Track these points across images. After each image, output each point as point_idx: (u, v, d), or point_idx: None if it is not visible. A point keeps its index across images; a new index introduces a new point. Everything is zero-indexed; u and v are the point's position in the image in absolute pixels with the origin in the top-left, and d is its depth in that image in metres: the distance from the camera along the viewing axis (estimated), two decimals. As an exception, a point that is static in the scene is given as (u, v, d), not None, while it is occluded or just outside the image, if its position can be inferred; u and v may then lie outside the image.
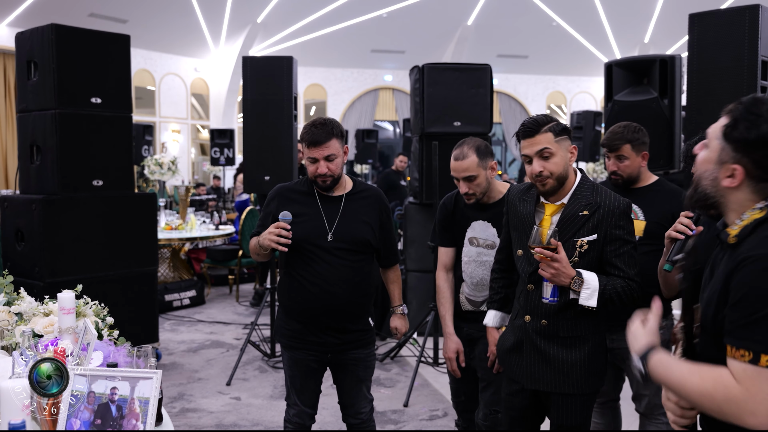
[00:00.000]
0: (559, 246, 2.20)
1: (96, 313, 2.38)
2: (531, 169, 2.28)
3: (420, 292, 5.77)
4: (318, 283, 2.66)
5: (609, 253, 2.28)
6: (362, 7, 14.84)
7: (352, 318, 2.73)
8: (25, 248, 4.04)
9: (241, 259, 7.60)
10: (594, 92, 18.90)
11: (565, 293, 2.26)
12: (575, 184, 2.32)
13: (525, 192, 2.43)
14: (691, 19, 3.95)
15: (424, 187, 5.74)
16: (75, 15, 11.19)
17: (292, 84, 5.22)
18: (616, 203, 2.29)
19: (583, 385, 2.32)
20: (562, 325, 2.31)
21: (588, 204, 2.28)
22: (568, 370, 2.31)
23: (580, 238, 2.27)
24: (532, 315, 2.35)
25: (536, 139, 2.26)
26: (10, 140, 12.19)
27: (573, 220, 2.28)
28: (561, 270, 2.20)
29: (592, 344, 2.33)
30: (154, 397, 1.65)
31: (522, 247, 2.37)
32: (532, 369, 2.36)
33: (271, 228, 2.60)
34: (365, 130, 13.49)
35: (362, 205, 2.77)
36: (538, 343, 2.33)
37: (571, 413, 2.34)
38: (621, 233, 2.28)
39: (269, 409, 4.27)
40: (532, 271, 2.32)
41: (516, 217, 2.43)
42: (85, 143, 4.14)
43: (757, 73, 3.70)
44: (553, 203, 2.33)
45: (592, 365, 2.33)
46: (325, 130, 2.62)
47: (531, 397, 2.42)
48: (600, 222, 2.27)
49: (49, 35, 3.98)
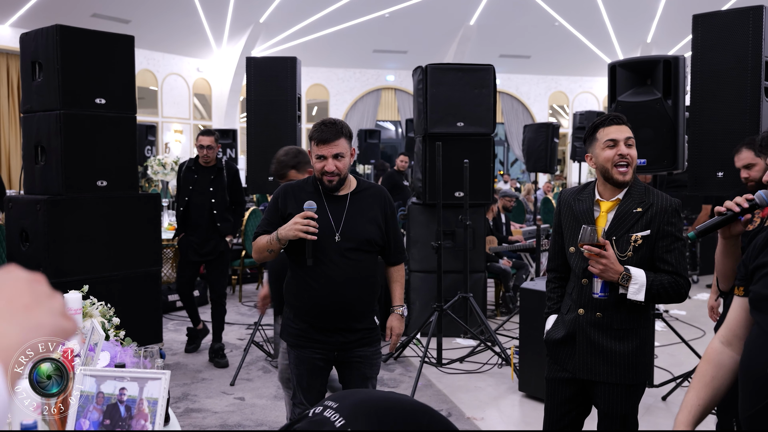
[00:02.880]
0: (607, 244, 2.33)
1: (102, 313, 2.39)
2: (618, 150, 2.42)
3: (423, 293, 5.78)
4: (325, 283, 2.67)
5: (660, 249, 2.41)
6: (364, 7, 14.85)
7: (358, 316, 2.74)
8: (30, 248, 4.05)
9: (244, 260, 7.61)
10: (596, 92, 18.89)
11: (614, 289, 2.38)
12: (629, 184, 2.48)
13: (579, 192, 2.58)
14: (695, 20, 3.95)
15: (427, 187, 5.75)
16: (78, 15, 11.21)
17: (296, 85, 5.22)
18: (668, 202, 2.43)
19: (633, 376, 2.44)
20: (615, 318, 2.43)
21: (641, 202, 2.42)
22: (620, 361, 2.43)
23: (635, 233, 2.40)
24: (586, 308, 2.47)
25: (623, 128, 2.45)
26: (14, 141, 12.21)
27: (628, 216, 2.42)
28: (609, 266, 2.32)
29: (642, 336, 2.47)
30: (162, 398, 1.66)
31: (575, 244, 2.49)
32: (585, 359, 2.47)
33: (296, 218, 2.58)
34: (367, 130, 13.50)
35: (367, 203, 2.78)
36: (592, 335, 2.45)
37: (619, 402, 2.46)
38: (672, 230, 2.41)
39: (273, 409, 4.28)
40: (585, 266, 2.43)
41: (571, 216, 2.55)
42: (89, 144, 4.15)
43: (761, 74, 3.71)
44: (609, 200, 2.47)
45: (643, 356, 2.46)
46: (334, 128, 2.65)
47: (577, 387, 2.54)
48: (653, 218, 2.40)
49: (53, 36, 3.99)
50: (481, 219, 6.03)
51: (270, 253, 2.70)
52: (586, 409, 2.62)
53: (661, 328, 5.29)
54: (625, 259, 2.37)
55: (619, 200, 2.45)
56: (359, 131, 13.49)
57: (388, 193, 2.94)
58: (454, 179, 5.50)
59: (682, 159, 4.13)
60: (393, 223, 2.86)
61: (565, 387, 2.56)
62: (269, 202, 2.85)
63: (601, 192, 2.50)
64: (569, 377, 2.53)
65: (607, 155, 2.43)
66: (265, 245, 2.68)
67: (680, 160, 4.10)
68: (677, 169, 4.12)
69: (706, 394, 1.73)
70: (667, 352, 5.30)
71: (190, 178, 5.27)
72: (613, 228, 2.41)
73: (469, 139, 5.73)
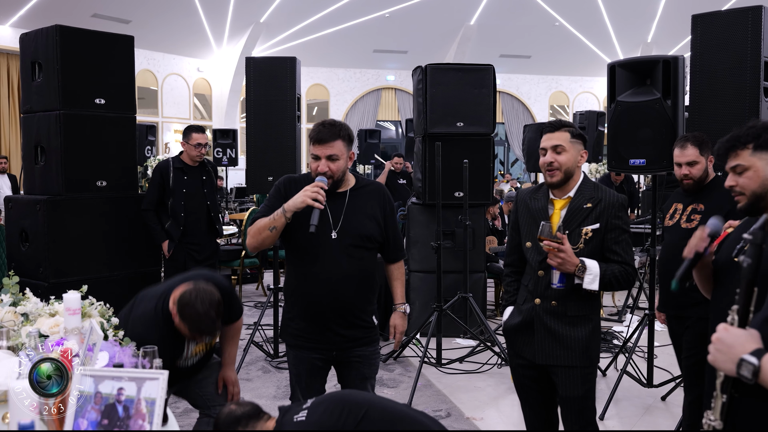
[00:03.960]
0: (564, 239, 2.49)
1: (101, 313, 2.39)
2: (545, 159, 2.63)
3: (423, 293, 5.78)
4: (323, 279, 2.66)
5: (609, 241, 2.60)
6: (365, 7, 14.85)
7: (357, 314, 2.74)
8: (30, 249, 4.05)
9: (244, 260, 7.62)
10: (597, 92, 18.89)
11: (570, 279, 2.56)
12: (579, 182, 2.67)
13: (535, 192, 2.76)
14: (694, 20, 3.95)
15: (426, 187, 5.75)
16: (78, 16, 11.21)
17: (295, 85, 5.22)
18: (615, 197, 2.63)
19: (587, 359, 2.62)
20: (570, 306, 2.61)
21: (591, 198, 2.62)
22: (574, 345, 2.61)
23: (585, 227, 2.59)
24: (542, 298, 2.63)
25: (555, 135, 2.64)
26: (14, 141, 12.22)
27: (579, 212, 2.61)
28: (566, 259, 2.49)
29: (594, 323, 2.65)
30: (160, 398, 1.66)
31: (531, 239, 2.66)
32: (542, 345, 2.64)
33: (308, 187, 2.58)
34: (368, 130, 13.49)
35: (366, 200, 2.78)
36: (548, 323, 2.62)
37: (576, 385, 2.61)
38: (619, 223, 2.61)
39: (273, 409, 4.25)
40: (541, 259, 2.61)
41: (527, 214, 2.73)
42: (89, 144, 4.15)
43: (760, 74, 3.70)
44: (561, 198, 2.65)
45: (594, 341, 2.65)
46: (332, 130, 2.65)
47: (540, 373, 2.70)
48: (602, 213, 2.60)
49: (53, 36, 4.00)
50: (481, 219, 6.03)
51: (271, 231, 2.63)
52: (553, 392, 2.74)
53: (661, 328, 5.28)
54: (577, 251, 2.54)
55: (570, 198, 2.64)
56: (359, 131, 13.49)
57: (387, 189, 2.94)
58: (454, 179, 5.50)
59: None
60: (392, 220, 2.86)
61: (528, 373, 2.73)
62: (271, 190, 2.81)
63: (554, 191, 2.67)
64: (529, 364, 2.70)
65: (540, 161, 2.67)
66: (267, 223, 2.63)
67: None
68: (676, 169, 4.12)
69: None
70: (667, 352, 5.29)
71: (181, 180, 4.97)
72: (565, 223, 2.60)
73: (469, 139, 5.73)
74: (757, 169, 1.97)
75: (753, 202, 1.99)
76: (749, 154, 1.99)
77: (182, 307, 2.57)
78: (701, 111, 3.95)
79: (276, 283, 5.41)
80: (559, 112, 19.38)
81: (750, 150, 1.99)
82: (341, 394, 2.34)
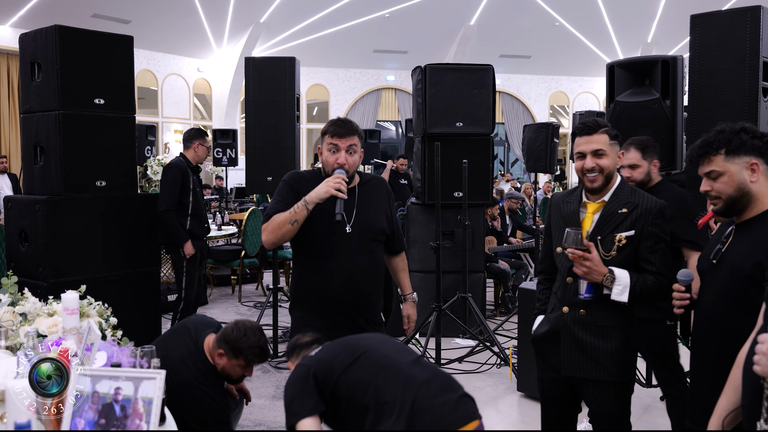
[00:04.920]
0: (591, 246, 2.38)
1: (99, 313, 2.40)
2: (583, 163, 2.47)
3: (422, 293, 5.77)
4: (340, 274, 2.68)
5: (644, 249, 2.43)
6: (365, 7, 14.85)
7: (371, 309, 2.78)
8: (29, 249, 4.05)
9: (244, 260, 7.62)
10: (597, 92, 18.88)
11: (599, 289, 2.43)
12: (615, 185, 2.50)
13: (569, 195, 2.63)
14: (693, 20, 3.95)
15: (426, 187, 5.75)
16: (78, 16, 11.22)
17: (294, 85, 5.23)
18: (653, 203, 2.45)
19: (616, 373, 2.45)
20: (599, 316, 2.46)
21: (627, 203, 2.46)
22: (602, 359, 2.45)
23: (619, 234, 2.43)
24: (571, 306, 2.50)
25: (593, 138, 2.47)
26: (14, 141, 12.23)
27: (613, 217, 2.45)
28: (593, 268, 2.37)
29: (625, 335, 2.47)
30: (157, 398, 1.66)
31: (561, 245, 2.52)
32: (569, 356, 2.50)
33: (329, 179, 2.60)
34: (368, 130, 13.48)
35: (373, 193, 2.83)
36: (576, 332, 2.48)
37: (608, 401, 2.46)
38: (656, 231, 2.43)
39: (272, 409, 4.28)
40: (570, 266, 2.48)
41: (559, 218, 2.60)
42: (88, 144, 4.15)
43: (759, 74, 3.71)
44: (595, 202, 2.51)
45: (625, 354, 2.47)
46: (351, 125, 2.73)
47: (567, 386, 2.55)
48: (638, 219, 2.43)
49: (53, 36, 3.99)
50: (481, 219, 6.03)
51: (293, 225, 2.62)
52: (578, 407, 2.65)
53: (660, 328, 5.28)
54: (609, 259, 2.41)
55: (605, 201, 2.49)
56: (359, 131, 13.50)
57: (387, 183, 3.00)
58: (453, 179, 5.50)
59: (681, 159, 4.12)
60: (394, 212, 2.93)
61: (555, 386, 2.59)
62: (279, 186, 2.80)
63: (588, 194, 2.54)
64: (558, 377, 2.56)
65: (577, 165, 2.53)
66: (288, 217, 2.61)
67: (678, 160, 4.10)
68: (675, 169, 4.12)
69: (737, 398, 1.75)
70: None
71: (193, 181, 5.16)
72: (598, 228, 2.46)
73: (468, 139, 5.73)
74: (732, 173, 2.05)
75: (729, 204, 2.09)
76: (722, 159, 2.07)
77: (234, 342, 2.79)
78: (700, 111, 3.95)
79: (276, 283, 5.42)
80: (559, 113, 19.38)
81: (722, 155, 2.07)
82: (351, 338, 2.40)
